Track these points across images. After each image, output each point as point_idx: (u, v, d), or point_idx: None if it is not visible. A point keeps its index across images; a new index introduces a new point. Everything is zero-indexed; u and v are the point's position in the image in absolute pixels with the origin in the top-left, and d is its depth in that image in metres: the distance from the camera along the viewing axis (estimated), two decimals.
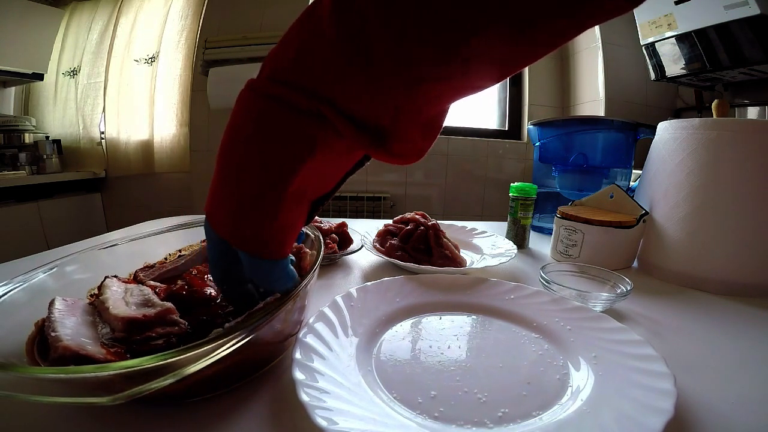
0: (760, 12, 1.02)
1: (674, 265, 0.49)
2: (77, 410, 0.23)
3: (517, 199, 0.62)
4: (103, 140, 1.88)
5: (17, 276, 0.27)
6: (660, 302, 0.43)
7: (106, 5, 1.88)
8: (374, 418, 0.22)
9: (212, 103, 1.67)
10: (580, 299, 0.39)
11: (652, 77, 1.44)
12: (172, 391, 0.22)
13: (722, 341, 0.35)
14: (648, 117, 1.65)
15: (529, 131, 0.77)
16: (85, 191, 1.90)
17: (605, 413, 0.23)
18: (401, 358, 0.30)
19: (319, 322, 0.31)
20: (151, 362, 0.17)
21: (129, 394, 0.17)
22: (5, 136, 1.72)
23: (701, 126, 0.47)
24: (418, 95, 0.20)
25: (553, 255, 0.59)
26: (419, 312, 0.37)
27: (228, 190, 0.22)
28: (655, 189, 0.52)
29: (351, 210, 1.79)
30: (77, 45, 1.91)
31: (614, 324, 0.32)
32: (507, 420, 0.23)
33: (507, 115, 1.95)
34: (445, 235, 0.53)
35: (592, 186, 0.68)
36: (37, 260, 0.49)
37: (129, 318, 0.24)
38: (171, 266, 0.36)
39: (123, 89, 1.85)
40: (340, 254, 0.53)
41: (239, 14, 1.70)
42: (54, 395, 0.17)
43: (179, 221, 0.44)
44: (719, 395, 0.27)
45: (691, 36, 1.21)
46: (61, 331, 0.22)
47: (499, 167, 1.91)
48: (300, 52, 0.20)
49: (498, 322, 0.36)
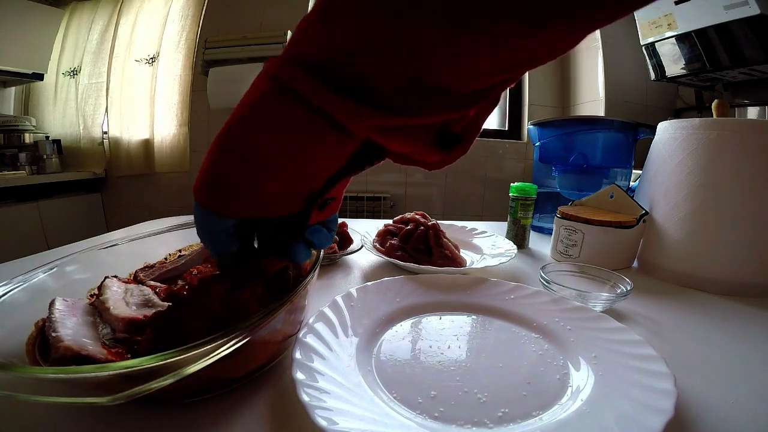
0: (760, 12, 1.02)
1: (674, 265, 0.49)
2: (77, 410, 0.23)
3: (517, 199, 0.62)
4: (105, 140, 1.89)
5: (17, 276, 0.27)
6: (660, 302, 0.43)
7: (106, 5, 1.88)
8: (374, 418, 0.22)
9: (212, 103, 1.67)
10: (580, 299, 0.39)
11: (652, 77, 1.44)
12: (172, 391, 0.22)
13: (722, 341, 0.35)
14: (648, 117, 1.65)
15: (529, 131, 0.77)
16: (85, 191, 1.90)
17: (605, 413, 0.23)
18: (401, 358, 0.30)
19: (319, 322, 0.31)
20: (151, 362, 0.17)
21: (129, 394, 0.17)
22: (5, 136, 1.72)
23: (701, 126, 0.47)
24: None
25: (553, 255, 0.59)
26: (419, 312, 0.37)
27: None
28: (655, 189, 0.52)
29: (351, 210, 1.79)
30: (77, 45, 1.91)
31: (614, 324, 0.32)
32: (507, 420, 0.23)
33: (507, 115, 1.95)
34: (445, 235, 0.53)
35: (592, 186, 0.68)
36: (37, 260, 0.49)
37: (130, 318, 0.24)
38: (171, 266, 0.36)
39: (124, 89, 1.85)
40: (340, 254, 0.53)
41: (239, 14, 1.70)
42: (54, 395, 0.17)
43: (179, 221, 0.44)
44: (719, 395, 0.27)
45: (691, 36, 1.21)
46: (62, 332, 0.22)
47: (499, 167, 1.91)
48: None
49: (498, 322, 0.36)
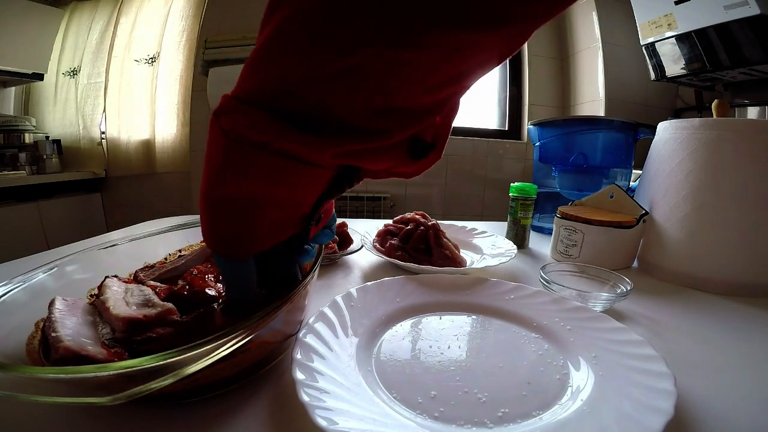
0: (760, 12, 1.02)
1: (674, 265, 0.49)
2: (77, 410, 0.23)
3: (517, 199, 0.62)
4: (104, 140, 1.88)
5: (17, 276, 0.27)
6: (660, 302, 0.43)
7: (106, 5, 1.88)
8: (374, 418, 0.22)
9: (212, 103, 1.67)
10: (580, 299, 0.39)
11: (652, 77, 1.44)
12: (172, 391, 0.22)
13: (722, 341, 0.35)
14: (648, 117, 1.65)
15: (529, 131, 0.77)
16: (85, 191, 1.90)
17: (605, 413, 0.23)
18: (401, 358, 0.30)
19: (319, 322, 0.31)
20: (151, 362, 0.17)
21: (129, 394, 0.17)
22: (5, 136, 1.72)
23: (701, 126, 0.47)
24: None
25: (553, 255, 0.59)
26: (419, 312, 0.37)
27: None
28: (655, 189, 0.52)
29: (351, 210, 1.79)
30: (77, 45, 1.91)
31: (614, 324, 0.32)
32: (507, 420, 0.23)
33: (507, 115, 1.95)
34: (445, 235, 0.53)
35: (592, 186, 0.68)
36: (37, 260, 0.49)
37: (130, 318, 0.24)
38: (171, 266, 0.35)
39: (124, 89, 1.85)
40: (340, 254, 0.53)
41: (239, 14, 1.70)
42: (54, 395, 0.17)
43: (179, 221, 0.44)
44: (719, 395, 0.27)
45: (691, 36, 1.21)
46: (62, 332, 0.22)
47: (499, 167, 1.91)
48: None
49: (498, 322, 0.36)
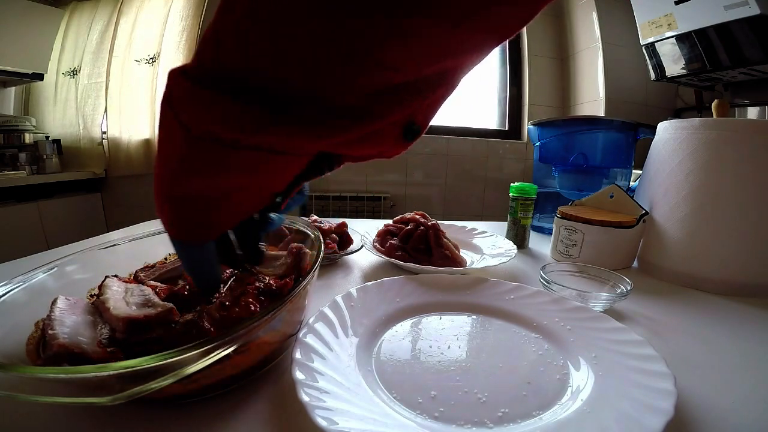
0: (760, 12, 1.02)
1: (674, 265, 0.49)
2: (77, 410, 0.23)
3: (517, 199, 0.62)
4: (104, 140, 1.88)
5: (17, 276, 0.27)
6: (660, 302, 0.43)
7: (106, 5, 1.88)
8: (374, 418, 0.22)
9: None
10: (580, 299, 0.39)
11: (652, 77, 1.44)
12: (172, 391, 0.22)
13: (722, 341, 0.35)
14: (648, 117, 1.66)
15: (529, 131, 0.77)
16: (85, 191, 1.90)
17: (605, 413, 0.23)
18: (401, 358, 0.30)
19: (319, 322, 0.31)
20: (151, 362, 0.17)
21: (129, 394, 0.17)
22: (5, 136, 1.72)
23: (701, 126, 0.47)
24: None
25: (553, 255, 0.59)
26: (419, 312, 0.37)
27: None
28: (655, 189, 0.52)
29: (351, 210, 1.79)
30: (77, 45, 1.91)
31: (614, 324, 0.32)
32: (507, 420, 0.23)
33: (507, 115, 1.95)
34: (445, 235, 0.53)
35: (592, 186, 0.68)
36: (37, 260, 0.49)
37: (130, 318, 0.24)
38: (171, 266, 0.36)
39: (124, 89, 1.85)
40: (340, 254, 0.53)
41: None
42: (54, 395, 0.17)
43: None
44: (719, 395, 0.27)
45: (691, 36, 1.21)
46: (59, 330, 0.22)
47: (499, 167, 1.91)
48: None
49: (498, 322, 0.36)
